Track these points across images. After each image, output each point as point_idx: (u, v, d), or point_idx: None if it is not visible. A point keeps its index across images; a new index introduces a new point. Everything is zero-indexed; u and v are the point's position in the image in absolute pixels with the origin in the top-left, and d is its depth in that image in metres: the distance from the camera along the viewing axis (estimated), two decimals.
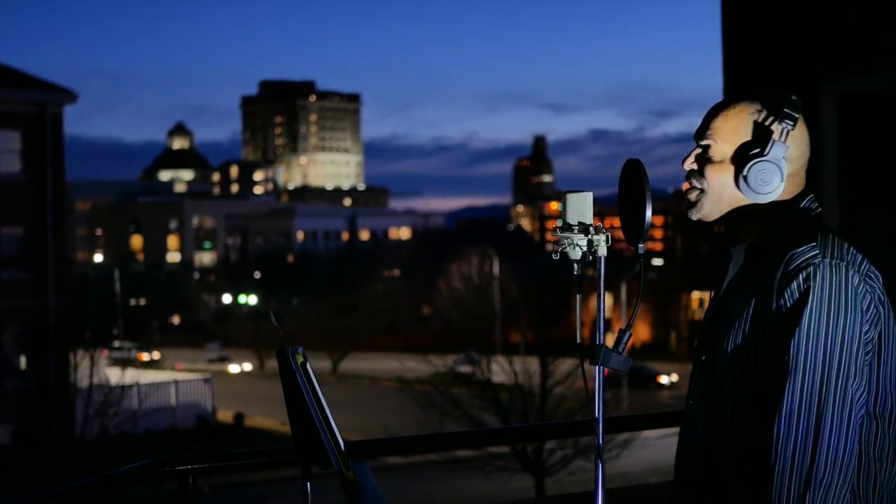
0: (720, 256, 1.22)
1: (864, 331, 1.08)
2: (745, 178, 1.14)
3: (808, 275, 1.08)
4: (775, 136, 1.15)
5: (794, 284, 1.08)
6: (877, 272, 1.11)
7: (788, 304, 1.08)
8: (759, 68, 3.04)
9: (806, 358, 1.06)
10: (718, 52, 3.17)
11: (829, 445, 1.05)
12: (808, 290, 1.07)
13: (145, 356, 29.26)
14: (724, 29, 3.18)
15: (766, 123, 1.15)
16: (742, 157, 1.15)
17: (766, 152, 1.13)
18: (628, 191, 1.16)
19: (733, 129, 1.17)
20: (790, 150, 1.15)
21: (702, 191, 1.18)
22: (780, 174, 1.14)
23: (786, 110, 1.14)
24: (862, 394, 1.08)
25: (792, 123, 1.14)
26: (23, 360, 14.83)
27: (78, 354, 13.98)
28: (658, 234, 49.52)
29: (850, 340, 1.07)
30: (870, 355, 1.09)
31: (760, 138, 1.15)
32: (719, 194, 1.17)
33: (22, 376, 14.66)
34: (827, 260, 1.09)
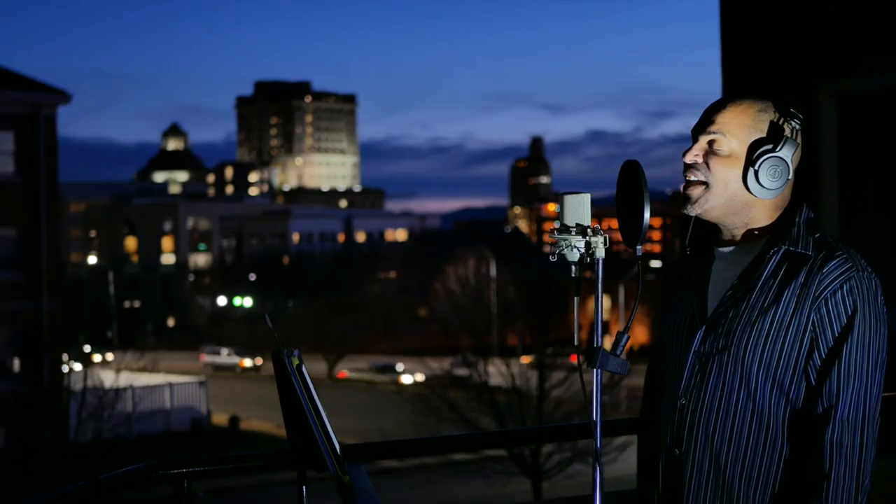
0: (697, 256, 1.21)
1: (887, 337, 1.15)
2: (756, 172, 1.14)
3: (851, 287, 1.12)
4: (787, 133, 1.16)
5: (839, 296, 1.12)
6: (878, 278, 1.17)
7: (835, 315, 1.12)
8: (758, 68, 3.04)
9: (857, 368, 1.12)
10: (717, 53, 3.18)
11: (870, 448, 1.12)
12: (854, 304, 1.12)
13: (248, 363, 26.88)
14: (723, 29, 3.18)
15: (781, 121, 1.16)
16: (754, 153, 1.15)
17: (778, 148, 1.14)
18: (626, 192, 1.15)
19: (741, 125, 1.16)
20: (796, 151, 1.16)
21: (706, 185, 1.17)
22: (788, 172, 1.15)
23: (792, 110, 1.16)
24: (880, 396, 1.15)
25: (799, 125, 1.16)
26: (16, 363, 14.75)
27: (70, 357, 13.90)
28: (656, 235, 49.52)
29: (883, 348, 1.14)
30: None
31: (773, 135, 1.16)
32: (724, 189, 1.16)
33: (15, 379, 14.58)
34: (860, 273, 1.14)
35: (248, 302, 36.65)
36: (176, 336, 35.92)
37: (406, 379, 25.44)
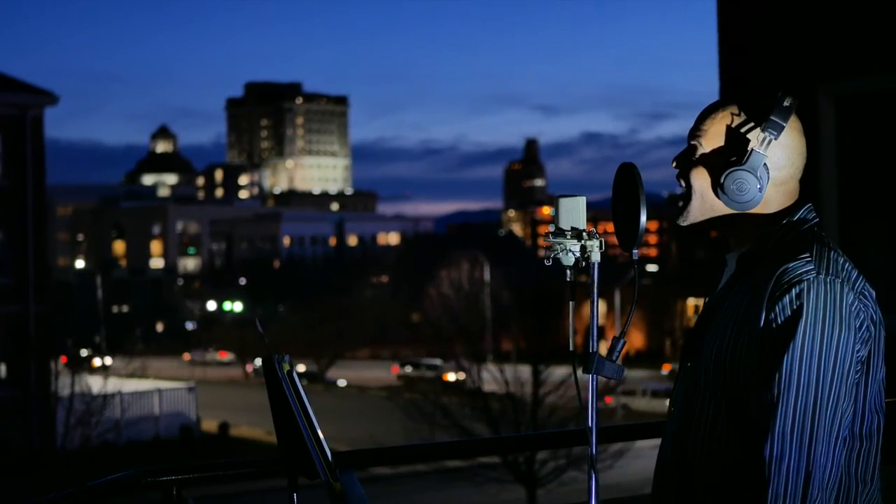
0: (716, 263, 1.20)
1: (855, 349, 1.06)
2: (721, 186, 1.12)
3: (800, 291, 1.06)
4: (753, 144, 1.11)
5: (786, 300, 1.06)
6: (871, 289, 1.10)
7: (780, 320, 1.06)
8: (755, 70, 3.05)
9: (799, 377, 1.04)
10: (714, 53, 3.18)
11: (820, 466, 1.04)
12: (800, 307, 1.05)
13: (451, 376, 22.56)
14: (720, 30, 3.19)
15: (745, 130, 1.12)
16: (719, 165, 1.13)
17: (743, 162, 1.11)
18: (622, 195, 1.14)
19: (716, 134, 1.14)
20: (776, 158, 1.12)
21: (687, 196, 1.16)
22: (757, 183, 1.11)
23: (772, 118, 1.11)
24: (848, 413, 1.07)
25: (775, 133, 1.11)
26: (2, 369, 14.57)
27: (59, 362, 13.79)
28: (653, 239, 49.60)
29: (843, 359, 1.05)
30: (859, 374, 1.07)
31: (738, 146, 1.12)
32: (701, 199, 1.15)
33: (1, 384, 14.39)
34: (821, 276, 1.06)
35: (238, 306, 36.44)
36: (165, 341, 35.65)
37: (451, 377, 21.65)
